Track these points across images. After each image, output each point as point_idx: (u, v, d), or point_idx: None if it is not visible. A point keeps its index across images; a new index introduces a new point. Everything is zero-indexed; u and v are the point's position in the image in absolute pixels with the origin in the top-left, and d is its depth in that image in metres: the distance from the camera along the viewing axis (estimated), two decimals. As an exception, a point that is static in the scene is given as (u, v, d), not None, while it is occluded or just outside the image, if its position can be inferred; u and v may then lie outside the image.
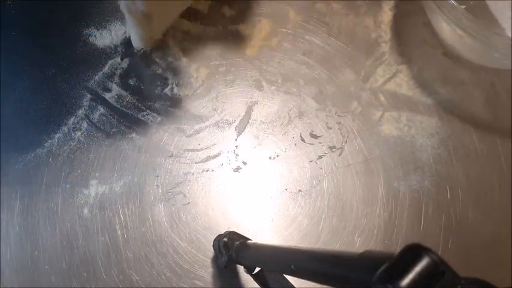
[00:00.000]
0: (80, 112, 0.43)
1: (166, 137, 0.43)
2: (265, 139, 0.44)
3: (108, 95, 0.44)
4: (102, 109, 0.43)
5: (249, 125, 0.44)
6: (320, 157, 0.43)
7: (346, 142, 0.44)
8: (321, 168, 0.43)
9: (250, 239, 0.35)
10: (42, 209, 0.40)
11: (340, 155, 0.43)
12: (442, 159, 0.44)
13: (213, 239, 0.39)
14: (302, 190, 0.42)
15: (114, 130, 0.43)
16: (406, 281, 0.16)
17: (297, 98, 0.45)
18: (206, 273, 0.39)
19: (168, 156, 0.42)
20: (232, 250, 0.34)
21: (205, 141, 0.43)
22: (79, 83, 0.44)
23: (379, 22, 0.48)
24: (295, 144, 0.44)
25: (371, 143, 0.44)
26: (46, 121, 0.43)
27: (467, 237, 0.41)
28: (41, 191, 0.40)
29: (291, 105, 0.45)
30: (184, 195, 0.41)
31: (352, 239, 0.41)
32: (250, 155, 0.43)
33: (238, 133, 0.44)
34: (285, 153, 0.43)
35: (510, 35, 0.44)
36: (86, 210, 0.40)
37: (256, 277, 0.33)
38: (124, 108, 0.43)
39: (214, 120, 0.44)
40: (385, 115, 0.45)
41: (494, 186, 0.43)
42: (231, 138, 0.43)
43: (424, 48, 0.47)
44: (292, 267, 0.24)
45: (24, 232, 0.39)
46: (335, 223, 0.41)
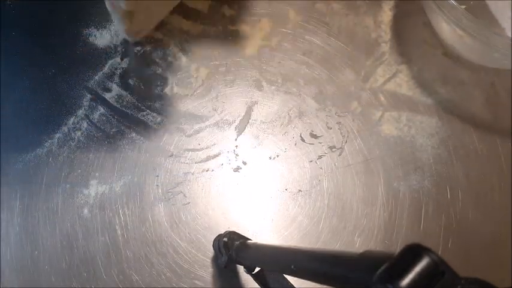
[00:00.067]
0: (80, 112, 0.43)
1: (166, 137, 0.43)
2: (265, 139, 0.44)
3: (108, 95, 0.44)
4: (102, 109, 0.43)
5: (249, 125, 0.44)
6: (320, 157, 0.43)
7: (346, 142, 0.44)
8: (321, 168, 0.43)
9: (250, 239, 0.35)
10: (42, 209, 0.40)
11: (340, 155, 0.43)
12: (442, 159, 0.44)
13: (213, 239, 0.39)
14: (302, 190, 0.42)
15: (114, 130, 0.43)
16: (406, 281, 0.16)
17: (297, 98, 0.45)
18: (206, 273, 0.39)
19: (168, 156, 0.42)
20: (232, 250, 0.34)
21: (205, 141, 0.43)
22: (79, 83, 0.44)
23: (379, 22, 0.48)
24: (295, 144, 0.44)
25: (371, 143, 0.44)
26: (46, 121, 0.43)
27: (467, 237, 0.41)
28: (41, 191, 0.40)
29: (291, 105, 0.45)
30: (184, 195, 0.41)
31: (352, 239, 0.41)
32: (250, 155, 0.43)
33: (238, 133, 0.44)
34: (285, 153, 0.43)
35: (510, 35, 0.44)
36: (86, 210, 0.40)
37: (256, 277, 0.33)
38: (124, 108, 0.43)
39: (214, 120, 0.44)
40: (385, 115, 0.45)
41: (494, 186, 0.43)
42: (231, 138, 0.43)
43: (424, 48, 0.47)
44: (292, 267, 0.24)
45: (24, 232, 0.39)
46: (335, 223, 0.41)
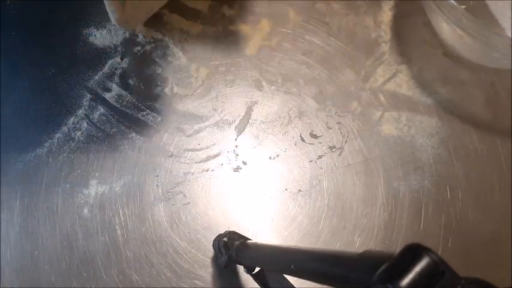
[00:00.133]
0: (80, 112, 0.43)
1: (166, 137, 0.43)
2: (265, 139, 0.44)
3: (108, 95, 0.44)
4: (102, 109, 0.43)
5: (249, 125, 0.44)
6: (320, 157, 0.43)
7: (346, 142, 0.44)
8: (321, 168, 0.43)
9: (250, 239, 0.35)
10: (42, 209, 0.40)
11: (340, 155, 0.43)
12: (442, 159, 0.44)
13: (213, 239, 0.39)
14: (302, 190, 0.42)
15: (114, 130, 0.43)
16: (406, 281, 0.16)
17: (297, 98, 0.45)
18: (206, 273, 0.39)
19: (168, 156, 0.42)
20: (232, 250, 0.34)
21: (205, 141, 0.43)
22: (79, 83, 0.44)
23: (379, 22, 0.48)
24: (295, 144, 0.44)
25: (371, 143, 0.44)
26: (46, 121, 0.43)
27: (467, 237, 0.41)
28: (41, 191, 0.40)
29: (291, 105, 0.45)
30: (184, 195, 0.41)
31: (352, 239, 0.41)
32: (250, 155, 0.43)
33: (238, 133, 0.44)
34: (285, 153, 0.43)
35: (510, 35, 0.44)
36: (86, 210, 0.40)
37: (256, 277, 0.33)
38: (124, 108, 0.43)
39: (214, 120, 0.44)
40: (385, 115, 0.45)
41: (494, 186, 0.43)
42: (231, 138, 0.43)
43: (424, 48, 0.47)
44: (292, 267, 0.24)
45: (24, 232, 0.39)
46: (335, 223, 0.41)
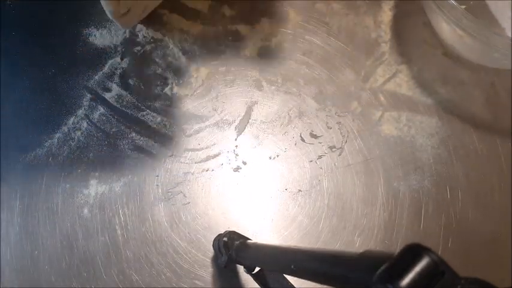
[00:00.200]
0: (80, 112, 0.43)
1: (166, 137, 0.43)
2: (265, 139, 0.44)
3: (108, 95, 0.44)
4: (102, 109, 0.43)
5: (249, 124, 0.44)
6: (320, 157, 0.43)
7: (346, 142, 0.44)
8: (321, 168, 0.43)
9: (250, 239, 0.35)
10: (42, 209, 0.40)
11: (340, 155, 0.43)
12: (442, 159, 0.44)
13: (213, 239, 0.39)
14: (302, 190, 0.42)
15: (114, 130, 0.43)
16: (406, 281, 0.16)
17: (297, 98, 0.45)
18: (206, 273, 0.39)
19: (168, 156, 0.42)
20: (232, 250, 0.34)
21: (205, 141, 0.43)
22: (79, 83, 0.44)
23: (379, 22, 0.48)
24: (295, 144, 0.44)
25: (371, 143, 0.44)
26: (46, 121, 0.43)
27: (467, 237, 0.41)
28: (41, 191, 0.40)
29: (291, 105, 0.45)
30: (184, 195, 0.41)
31: (352, 239, 0.41)
32: (250, 154, 0.43)
33: (238, 133, 0.44)
34: (285, 153, 0.43)
35: (510, 35, 0.44)
36: (86, 210, 0.40)
37: (256, 277, 0.33)
38: (124, 108, 0.43)
39: (214, 120, 0.44)
40: (385, 115, 0.45)
41: (494, 186, 0.43)
42: (231, 138, 0.43)
43: (424, 48, 0.47)
44: (292, 267, 0.24)
45: (24, 232, 0.39)
46: (335, 223, 0.41)
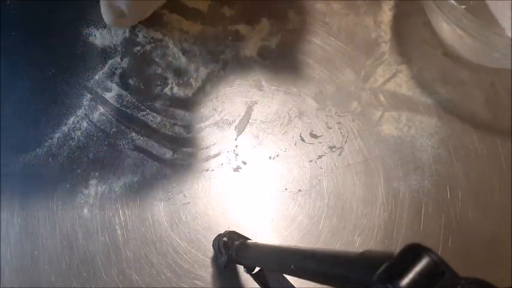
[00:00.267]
0: (79, 112, 0.43)
1: (166, 136, 0.43)
2: (265, 139, 0.44)
3: (108, 95, 0.44)
4: (102, 109, 0.43)
5: (249, 124, 0.44)
6: (320, 157, 0.43)
7: (346, 142, 0.44)
8: (321, 168, 0.43)
9: (250, 239, 0.35)
10: (42, 209, 0.40)
11: (340, 154, 0.43)
12: (442, 159, 0.44)
13: (213, 239, 0.39)
14: (302, 190, 0.42)
15: (114, 130, 0.43)
16: (406, 280, 0.16)
17: (296, 98, 0.45)
18: (206, 273, 0.39)
19: (168, 156, 0.42)
20: (232, 250, 0.34)
21: (205, 141, 0.43)
22: (79, 83, 0.44)
23: (379, 22, 0.48)
24: (295, 144, 0.44)
25: (371, 143, 0.44)
26: (46, 121, 0.43)
27: (467, 237, 0.41)
28: (41, 190, 0.40)
29: (291, 105, 0.45)
30: (184, 195, 0.41)
31: (352, 239, 0.41)
32: (250, 154, 0.43)
33: (238, 133, 0.44)
34: (284, 153, 0.43)
35: (510, 35, 0.44)
36: (86, 210, 0.40)
37: (256, 277, 0.33)
38: (124, 108, 0.43)
39: (214, 120, 0.44)
40: (385, 115, 0.45)
41: (494, 186, 0.43)
42: (231, 138, 0.43)
43: (424, 48, 0.47)
44: (292, 267, 0.24)
45: (24, 232, 0.39)
46: (335, 223, 0.41)
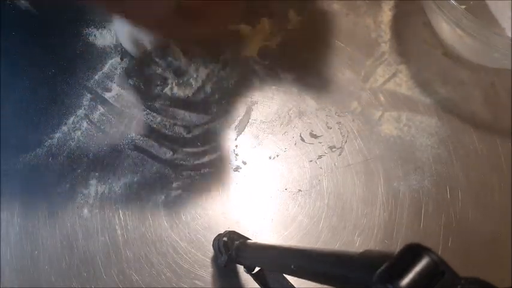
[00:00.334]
0: (79, 112, 0.43)
1: (166, 137, 0.43)
2: (265, 139, 0.44)
3: (108, 95, 0.44)
4: (102, 109, 0.43)
5: (248, 124, 0.44)
6: (320, 157, 0.43)
7: (346, 142, 0.44)
8: (321, 168, 0.43)
9: (250, 239, 0.35)
10: (42, 209, 0.40)
11: (340, 154, 0.43)
12: (442, 159, 0.44)
13: (213, 239, 0.39)
14: (302, 190, 0.42)
15: (114, 130, 0.43)
16: (406, 280, 0.16)
17: (296, 98, 0.45)
18: (206, 273, 0.39)
19: (168, 155, 0.42)
20: (232, 250, 0.34)
21: (205, 141, 0.43)
22: (79, 83, 0.44)
23: (379, 22, 0.48)
24: (295, 144, 0.44)
25: (371, 143, 0.44)
26: (46, 121, 0.42)
27: (467, 236, 0.41)
28: (41, 190, 0.40)
29: (291, 105, 0.45)
30: (184, 196, 0.41)
31: (352, 239, 0.41)
32: (250, 154, 0.43)
33: (238, 133, 0.44)
34: (284, 153, 0.43)
35: (510, 35, 0.44)
36: (86, 210, 0.40)
37: (256, 277, 0.33)
38: (124, 108, 0.43)
39: (214, 120, 0.44)
40: (385, 115, 0.45)
41: (494, 186, 0.43)
42: (230, 138, 0.43)
43: (424, 48, 0.47)
44: (292, 267, 0.24)
45: (24, 232, 0.39)
46: (335, 223, 0.41)
